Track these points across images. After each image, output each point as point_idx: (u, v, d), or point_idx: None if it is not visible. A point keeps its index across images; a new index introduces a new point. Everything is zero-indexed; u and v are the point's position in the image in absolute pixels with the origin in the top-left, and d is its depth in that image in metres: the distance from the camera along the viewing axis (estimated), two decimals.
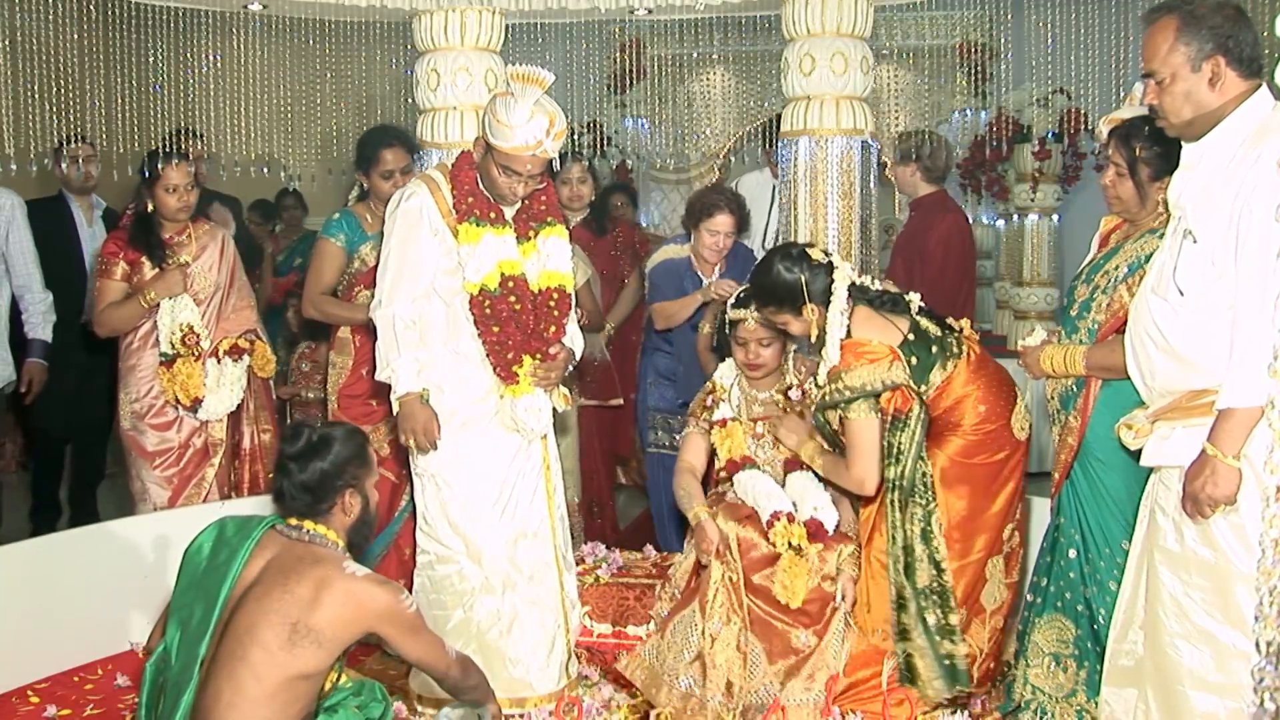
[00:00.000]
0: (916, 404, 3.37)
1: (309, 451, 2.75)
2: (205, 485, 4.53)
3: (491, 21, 4.54)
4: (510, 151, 3.35)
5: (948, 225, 5.24)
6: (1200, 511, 2.62)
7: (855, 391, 3.36)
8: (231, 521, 2.79)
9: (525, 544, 3.58)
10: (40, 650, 3.94)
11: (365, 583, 2.66)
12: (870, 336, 3.41)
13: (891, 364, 3.36)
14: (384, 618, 2.68)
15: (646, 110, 7.57)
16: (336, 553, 2.74)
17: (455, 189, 3.51)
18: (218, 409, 4.50)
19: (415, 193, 3.53)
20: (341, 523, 2.78)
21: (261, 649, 2.56)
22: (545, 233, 3.60)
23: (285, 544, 2.72)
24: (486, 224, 3.48)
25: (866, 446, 3.40)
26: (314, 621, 2.58)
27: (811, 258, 3.52)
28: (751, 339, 3.73)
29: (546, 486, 3.64)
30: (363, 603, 2.64)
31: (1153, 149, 3.12)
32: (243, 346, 4.56)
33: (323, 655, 2.62)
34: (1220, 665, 2.66)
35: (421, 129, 4.63)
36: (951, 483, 3.41)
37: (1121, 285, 3.14)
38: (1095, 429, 3.21)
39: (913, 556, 3.38)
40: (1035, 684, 3.35)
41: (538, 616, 3.57)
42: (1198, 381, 2.68)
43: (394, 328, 3.48)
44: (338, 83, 6.56)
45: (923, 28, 7.33)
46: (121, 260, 4.49)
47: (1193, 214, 2.67)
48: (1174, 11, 2.65)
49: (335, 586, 2.61)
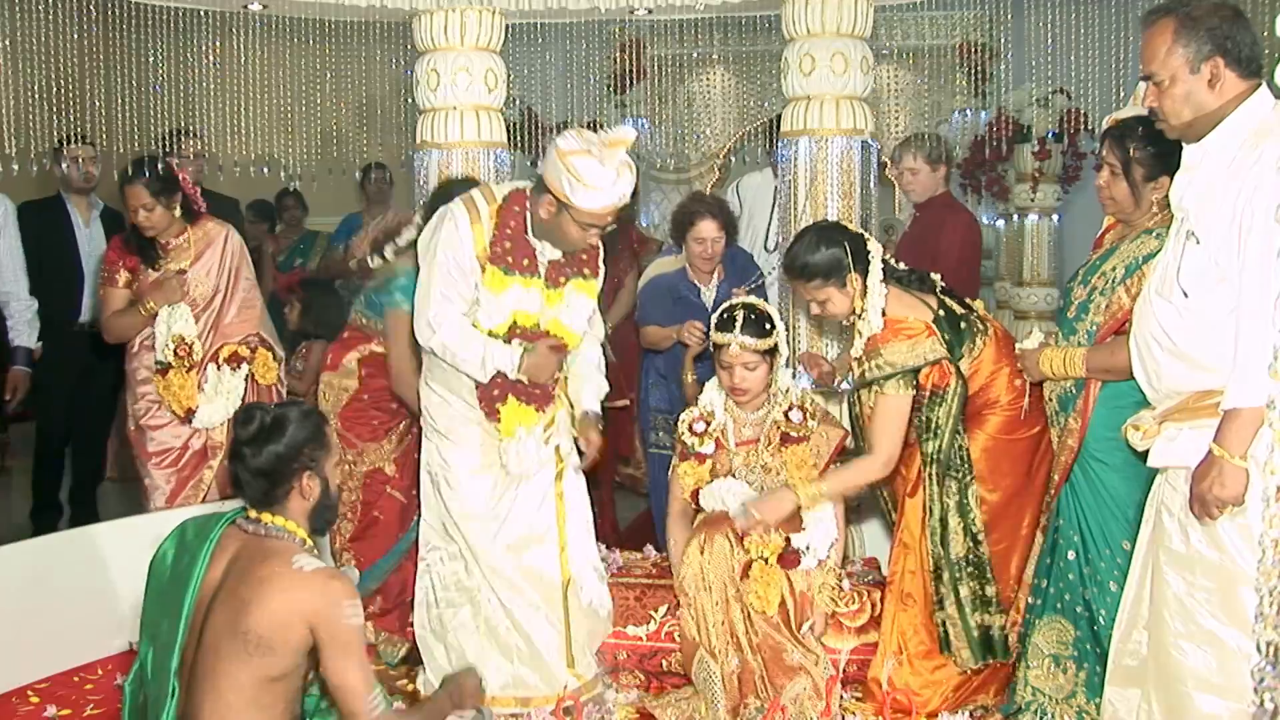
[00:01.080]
0: (954, 378, 3.42)
1: (262, 435, 2.63)
2: (204, 487, 4.50)
3: (491, 21, 4.55)
4: (598, 210, 3.31)
5: (964, 225, 5.21)
6: (1208, 513, 2.61)
7: (894, 368, 3.40)
8: (192, 524, 2.70)
9: (534, 550, 3.56)
10: (40, 650, 3.94)
11: (307, 578, 2.51)
12: (905, 313, 3.44)
13: (929, 339, 3.41)
14: (316, 619, 2.50)
15: (646, 110, 7.57)
16: (291, 544, 2.61)
17: (497, 229, 3.45)
18: (212, 418, 4.45)
19: (456, 217, 3.45)
20: (300, 508, 2.66)
21: (227, 659, 2.48)
22: (576, 285, 3.56)
23: (244, 540, 2.63)
24: (516, 274, 3.45)
25: (895, 423, 3.44)
26: (253, 624, 2.47)
27: (847, 229, 3.56)
28: (736, 363, 3.64)
29: (557, 492, 3.60)
30: (295, 600, 2.49)
31: (1146, 149, 3.12)
32: (242, 355, 4.50)
33: (279, 661, 2.50)
34: (1224, 666, 2.65)
35: (421, 129, 4.64)
36: (998, 460, 3.47)
37: (1120, 287, 3.14)
38: (1095, 430, 3.21)
39: (948, 528, 3.46)
40: (1035, 685, 3.35)
41: (543, 620, 3.55)
42: (1204, 382, 2.67)
43: (458, 345, 3.43)
44: (338, 83, 6.56)
45: (923, 28, 7.33)
46: (123, 267, 4.47)
47: (1195, 215, 2.67)
48: (1172, 13, 2.65)
49: (272, 584, 2.50)
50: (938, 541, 3.47)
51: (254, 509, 2.67)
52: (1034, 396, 3.48)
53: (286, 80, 6.28)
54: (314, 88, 6.47)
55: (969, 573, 3.46)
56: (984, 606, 3.46)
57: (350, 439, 4.14)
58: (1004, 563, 3.50)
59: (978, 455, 3.48)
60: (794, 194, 4.51)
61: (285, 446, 2.62)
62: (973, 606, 3.46)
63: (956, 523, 3.46)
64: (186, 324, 4.43)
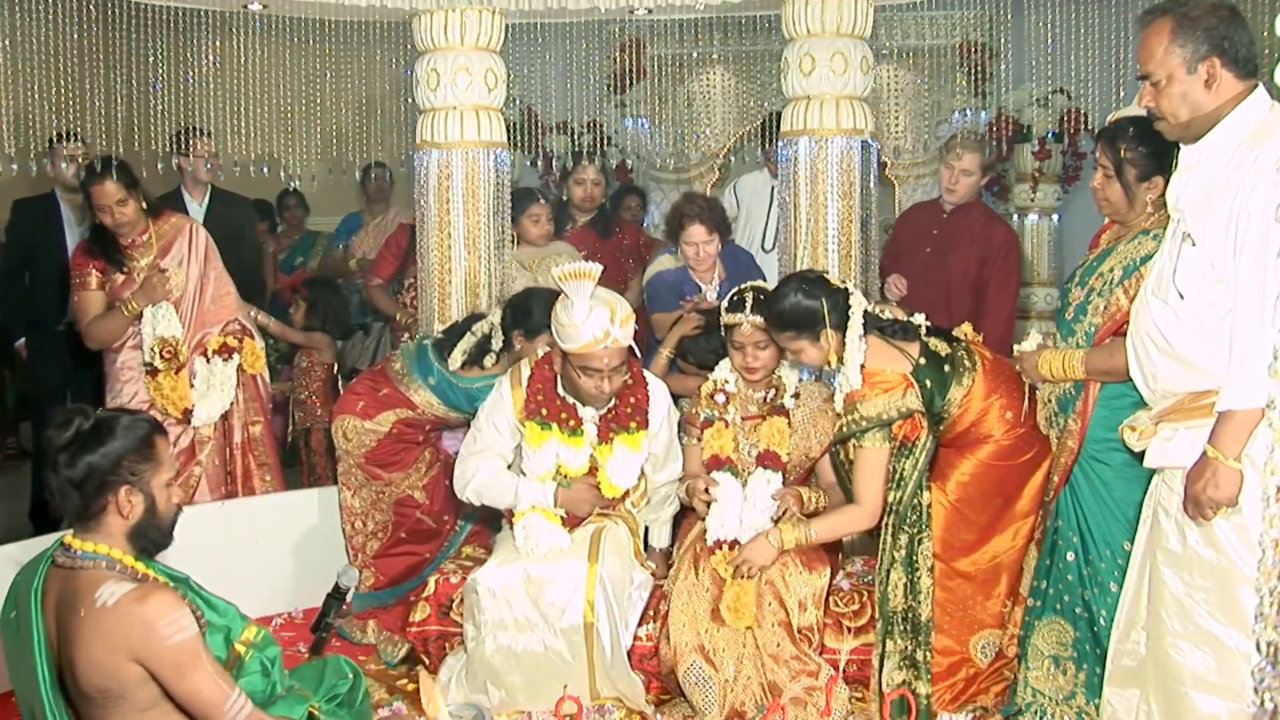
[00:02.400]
0: (925, 432, 3.45)
1: (77, 444, 2.37)
2: (193, 483, 4.49)
3: (491, 21, 4.55)
4: (582, 351, 3.45)
5: (1009, 230, 5.12)
6: (1201, 514, 2.62)
7: (870, 421, 3.42)
8: (22, 574, 2.45)
9: (552, 588, 3.56)
10: None
11: (112, 614, 2.26)
12: (883, 366, 3.46)
13: (905, 392, 3.43)
14: (137, 653, 2.26)
15: (646, 110, 7.56)
16: (97, 571, 2.36)
17: (529, 389, 3.68)
18: (211, 414, 4.46)
19: (502, 384, 3.76)
20: (119, 526, 2.40)
21: (96, 711, 2.30)
22: (621, 439, 3.68)
23: (62, 579, 2.37)
24: (553, 427, 3.63)
25: (877, 475, 3.48)
26: (88, 679, 2.27)
27: (830, 283, 3.55)
28: (748, 342, 3.71)
29: (593, 543, 3.62)
30: (109, 642, 2.25)
31: (1138, 150, 3.12)
32: (232, 345, 4.50)
33: (135, 698, 2.29)
34: (1222, 666, 2.66)
35: (421, 129, 4.64)
36: (985, 483, 3.49)
37: (1118, 288, 3.14)
38: (1094, 430, 3.21)
39: (888, 582, 3.48)
40: (1035, 686, 3.35)
41: (550, 663, 3.54)
42: (1199, 383, 2.68)
43: (487, 489, 3.70)
44: (338, 83, 6.56)
45: (923, 28, 7.32)
46: (93, 269, 4.44)
47: (1192, 216, 2.67)
48: (1169, 13, 2.65)
49: (83, 632, 2.27)
50: (881, 588, 3.49)
51: (71, 528, 2.43)
52: (1029, 425, 3.48)
53: (287, 80, 6.28)
54: (314, 88, 6.47)
55: (900, 630, 3.47)
56: (910, 668, 3.46)
57: (376, 472, 4.15)
58: (991, 581, 3.51)
59: (966, 477, 3.50)
60: (794, 194, 4.51)
61: (101, 457, 2.37)
62: (897, 664, 3.46)
63: (898, 577, 3.47)
64: (170, 324, 4.41)
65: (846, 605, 3.72)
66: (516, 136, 6.47)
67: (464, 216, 4.57)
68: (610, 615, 3.54)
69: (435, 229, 4.56)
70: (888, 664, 3.47)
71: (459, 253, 4.58)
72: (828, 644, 3.64)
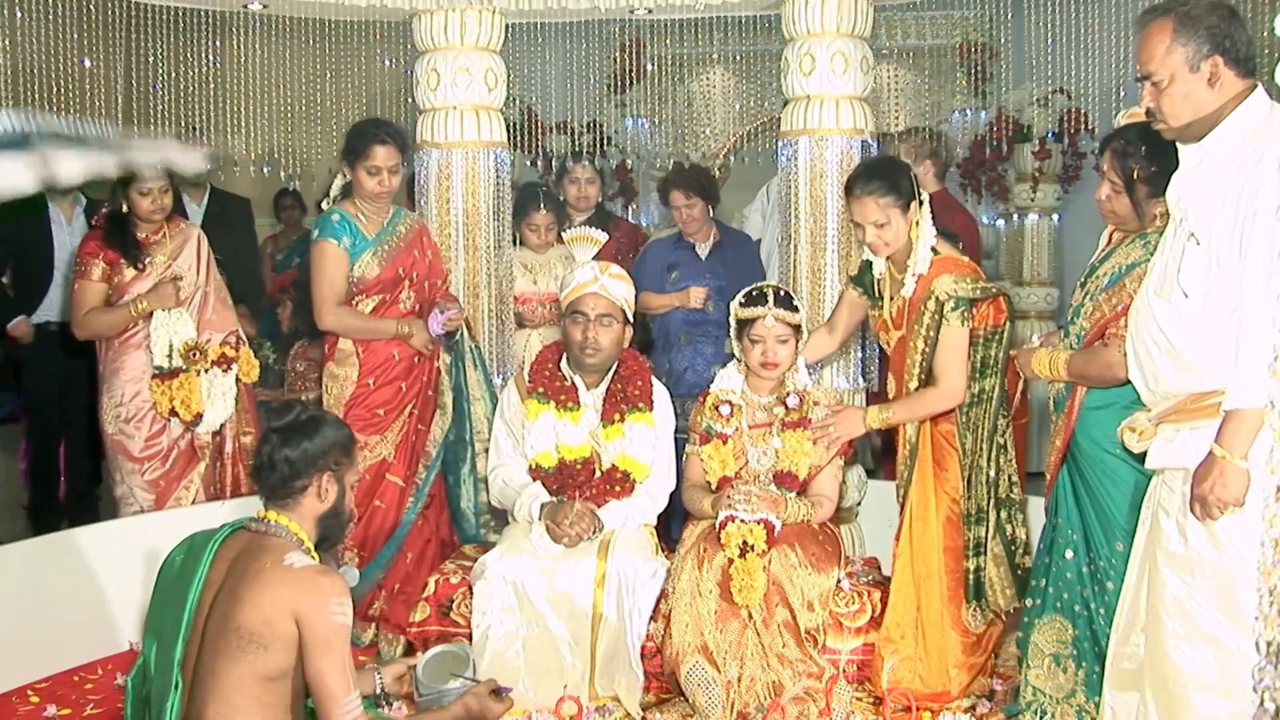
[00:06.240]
0: (1006, 317, 3.49)
1: (297, 428, 2.67)
2: (192, 488, 4.49)
3: (491, 21, 4.55)
4: (573, 295, 3.72)
5: (961, 224, 5.19)
6: (1209, 513, 2.60)
7: (955, 296, 3.44)
8: (201, 533, 2.70)
9: (562, 576, 3.58)
10: (40, 650, 3.94)
11: (296, 574, 2.50)
12: (951, 252, 3.54)
13: (979, 275, 3.50)
14: (301, 613, 2.47)
15: (646, 110, 7.56)
16: (288, 542, 2.60)
17: (532, 369, 3.87)
18: (215, 421, 4.47)
19: (512, 378, 4.03)
20: (313, 508, 2.67)
21: (225, 656, 2.47)
22: (633, 418, 3.77)
23: (247, 540, 2.62)
24: (550, 403, 3.75)
25: (960, 355, 3.49)
26: (243, 620, 2.46)
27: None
28: (770, 335, 3.69)
29: (604, 541, 3.66)
30: (281, 594, 2.47)
31: (1150, 169, 3.08)
32: (230, 356, 4.50)
33: (273, 657, 2.48)
34: (1223, 667, 2.64)
35: (421, 129, 4.63)
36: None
37: (1101, 295, 3.16)
38: (1087, 430, 3.21)
39: (998, 470, 3.51)
40: (1036, 685, 3.35)
41: (555, 650, 3.55)
42: (1201, 384, 2.67)
43: (507, 498, 3.85)
44: (338, 82, 6.57)
45: (923, 28, 7.32)
46: (100, 261, 4.41)
47: (1195, 216, 2.66)
48: (1169, 13, 2.64)
49: (261, 579, 2.49)
50: (983, 482, 3.50)
51: (266, 504, 2.68)
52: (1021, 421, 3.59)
53: (286, 80, 6.29)
54: (314, 88, 6.47)
55: (1011, 513, 3.54)
56: (1024, 548, 3.57)
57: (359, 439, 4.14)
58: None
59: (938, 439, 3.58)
60: (794, 194, 4.50)
61: (317, 444, 2.66)
62: (1016, 545, 3.55)
63: (1005, 462, 3.52)
64: (188, 328, 4.42)
65: (847, 605, 3.71)
66: (516, 136, 6.47)
67: (464, 216, 4.57)
68: (620, 605, 3.54)
69: (435, 229, 4.56)
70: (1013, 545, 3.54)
71: (459, 253, 4.58)
72: (828, 644, 3.63)
